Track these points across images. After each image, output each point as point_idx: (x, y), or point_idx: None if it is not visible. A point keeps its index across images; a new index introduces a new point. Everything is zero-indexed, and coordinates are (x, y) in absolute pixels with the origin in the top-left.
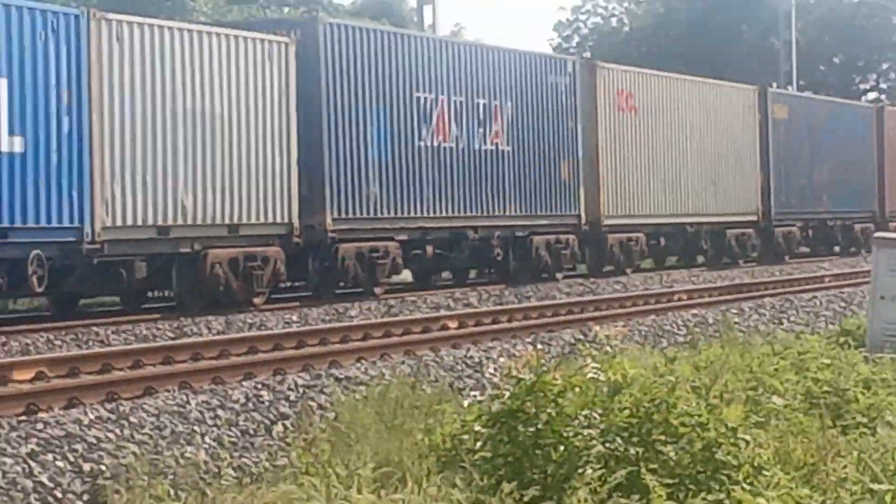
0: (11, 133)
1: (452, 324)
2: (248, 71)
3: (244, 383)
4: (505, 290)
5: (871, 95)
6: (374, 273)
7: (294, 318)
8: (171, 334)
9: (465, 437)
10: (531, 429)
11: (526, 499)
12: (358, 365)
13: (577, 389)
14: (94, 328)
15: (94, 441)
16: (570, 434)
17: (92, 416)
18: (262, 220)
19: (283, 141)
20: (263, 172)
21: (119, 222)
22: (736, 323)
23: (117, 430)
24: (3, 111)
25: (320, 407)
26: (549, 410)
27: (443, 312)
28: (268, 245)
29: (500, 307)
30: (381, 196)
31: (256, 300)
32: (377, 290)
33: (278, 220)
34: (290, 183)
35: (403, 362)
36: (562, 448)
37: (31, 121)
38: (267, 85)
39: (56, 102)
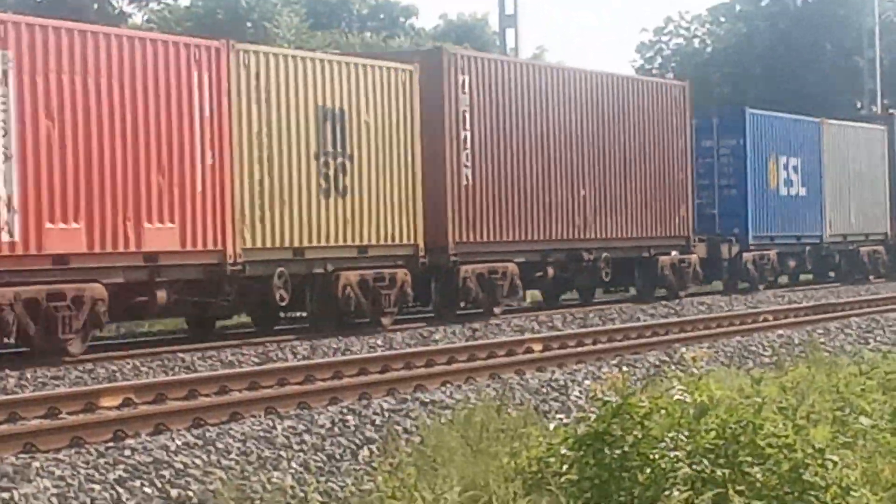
0: None
1: (537, 346)
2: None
3: (330, 408)
4: (589, 312)
5: None
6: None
7: (379, 342)
8: (256, 360)
9: (551, 459)
10: (617, 451)
11: None
12: (443, 389)
13: (664, 411)
14: (181, 354)
15: (181, 467)
16: (657, 456)
17: (179, 442)
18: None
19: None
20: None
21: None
22: (822, 343)
23: (204, 456)
24: None
25: (406, 431)
26: (635, 433)
27: (527, 335)
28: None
29: (584, 329)
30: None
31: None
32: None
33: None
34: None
35: (488, 385)
36: (648, 470)
37: None
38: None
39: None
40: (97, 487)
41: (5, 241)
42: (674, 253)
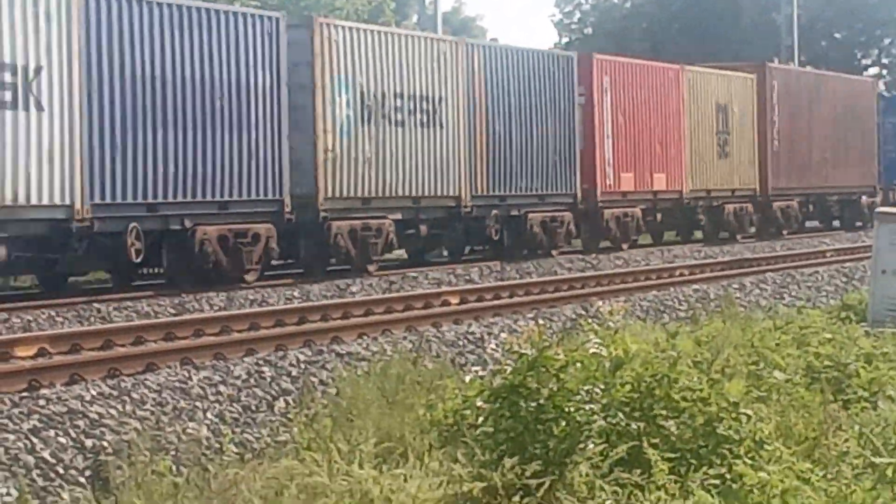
0: None
1: (454, 299)
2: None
3: (246, 359)
4: (506, 265)
5: (873, 71)
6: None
7: (295, 293)
8: (172, 311)
9: (467, 412)
10: (533, 404)
11: (528, 473)
12: (359, 341)
13: (579, 365)
14: (96, 304)
15: (96, 417)
16: (572, 409)
17: (94, 392)
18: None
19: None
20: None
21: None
22: (737, 298)
23: (119, 406)
24: None
25: (322, 383)
26: (550, 385)
27: (444, 288)
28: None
29: (501, 283)
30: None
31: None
32: (370, 268)
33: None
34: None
35: (405, 338)
36: (563, 423)
37: None
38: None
39: None
40: (11, 437)
41: None
42: None
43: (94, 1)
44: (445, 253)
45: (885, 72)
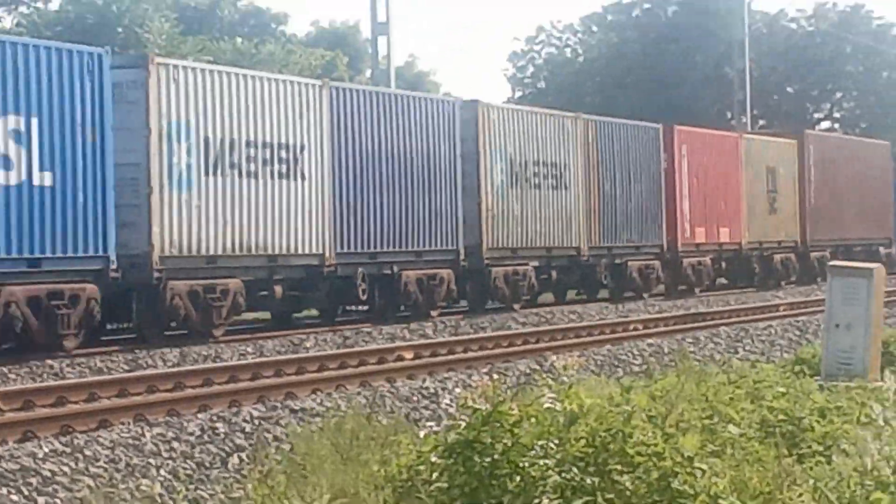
0: None
1: (408, 354)
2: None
3: (199, 415)
4: (461, 320)
5: (825, 125)
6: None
7: (249, 349)
8: (125, 366)
9: (421, 467)
10: (487, 459)
11: None
12: (314, 396)
13: (533, 419)
14: (49, 361)
15: (49, 474)
16: (527, 464)
17: (47, 450)
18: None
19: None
20: None
21: None
22: (691, 352)
23: (72, 464)
24: None
25: (276, 439)
26: (505, 441)
27: (398, 343)
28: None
29: (455, 338)
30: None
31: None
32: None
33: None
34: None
35: (359, 393)
36: (518, 478)
37: None
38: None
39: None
40: None
41: None
42: None
43: (335, 91)
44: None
45: (836, 125)
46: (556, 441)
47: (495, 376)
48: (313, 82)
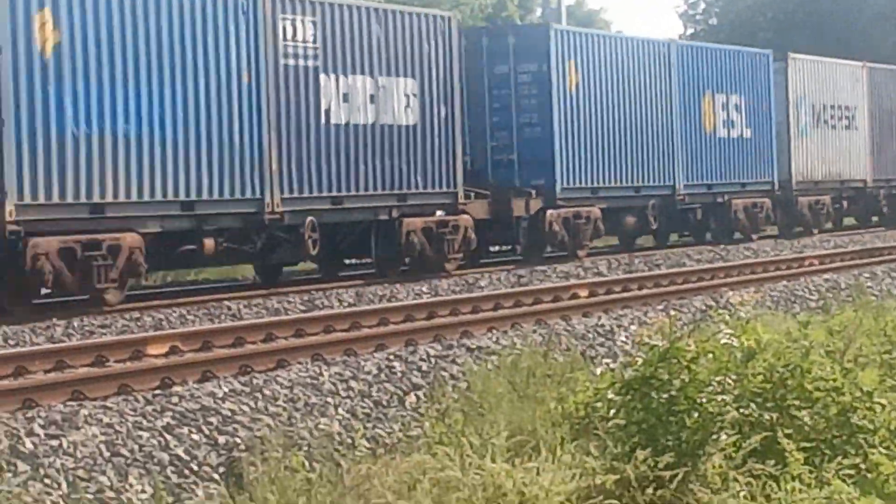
0: None
1: (583, 292)
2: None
3: (376, 354)
4: (634, 258)
5: None
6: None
7: (424, 289)
8: (302, 307)
9: (598, 404)
10: (664, 395)
11: (660, 465)
12: (489, 335)
13: (711, 355)
14: (227, 302)
15: (229, 414)
16: (704, 400)
17: (226, 389)
18: None
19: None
20: None
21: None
22: (869, 287)
23: (251, 403)
24: None
25: (452, 377)
26: (682, 377)
27: (573, 281)
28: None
29: (630, 275)
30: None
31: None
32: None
33: None
34: None
35: (535, 331)
36: (696, 414)
37: None
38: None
39: None
40: (145, 434)
41: None
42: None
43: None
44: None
45: None
46: (734, 377)
47: (671, 313)
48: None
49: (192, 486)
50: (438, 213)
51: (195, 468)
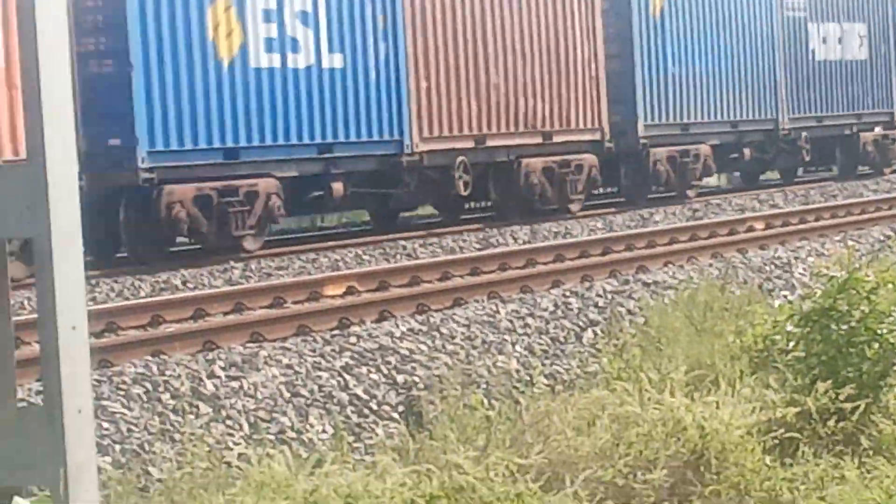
0: None
1: (759, 225)
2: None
3: (552, 291)
4: (809, 189)
5: None
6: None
7: (599, 224)
8: (477, 245)
9: (777, 337)
10: (844, 327)
11: (841, 397)
12: (665, 269)
13: (890, 286)
14: (402, 242)
15: (407, 353)
16: (885, 331)
17: (403, 329)
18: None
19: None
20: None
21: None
22: None
23: (429, 342)
24: None
25: (629, 312)
26: (861, 308)
27: (748, 214)
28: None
29: (806, 207)
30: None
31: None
32: (689, 193)
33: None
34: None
35: (711, 265)
36: (876, 345)
37: None
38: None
39: None
40: (324, 375)
41: None
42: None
43: None
44: None
45: None
46: None
47: (849, 244)
48: None
49: (372, 425)
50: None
51: (374, 407)
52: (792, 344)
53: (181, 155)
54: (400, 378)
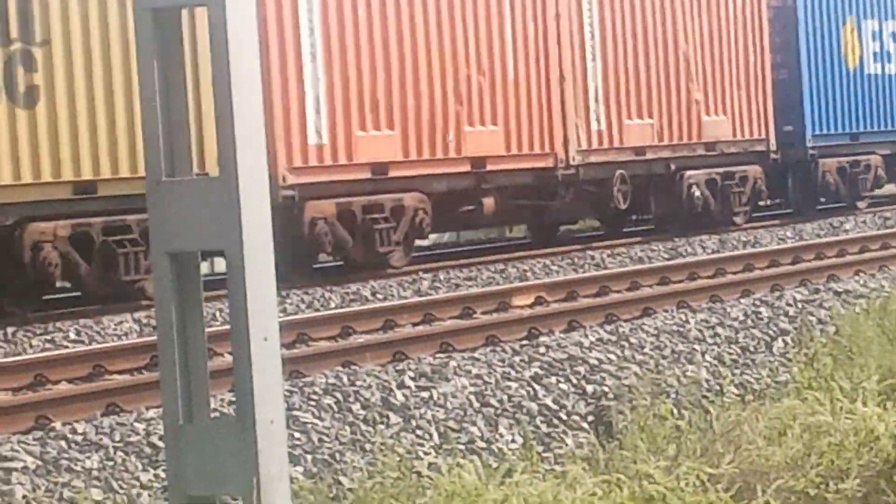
0: None
1: None
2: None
3: (742, 300)
4: None
5: None
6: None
7: (788, 233)
8: (665, 255)
9: None
10: None
11: None
12: (856, 278)
13: None
14: (590, 252)
15: (596, 363)
16: None
17: (592, 339)
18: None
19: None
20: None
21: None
22: None
23: (618, 352)
24: None
25: (820, 321)
26: None
27: None
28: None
29: None
30: None
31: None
32: (860, 205)
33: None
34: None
35: None
36: None
37: None
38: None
39: None
40: (513, 385)
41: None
42: None
43: None
44: None
45: None
46: None
47: None
48: None
49: (562, 434)
50: None
51: (564, 417)
52: None
53: None
54: (589, 388)
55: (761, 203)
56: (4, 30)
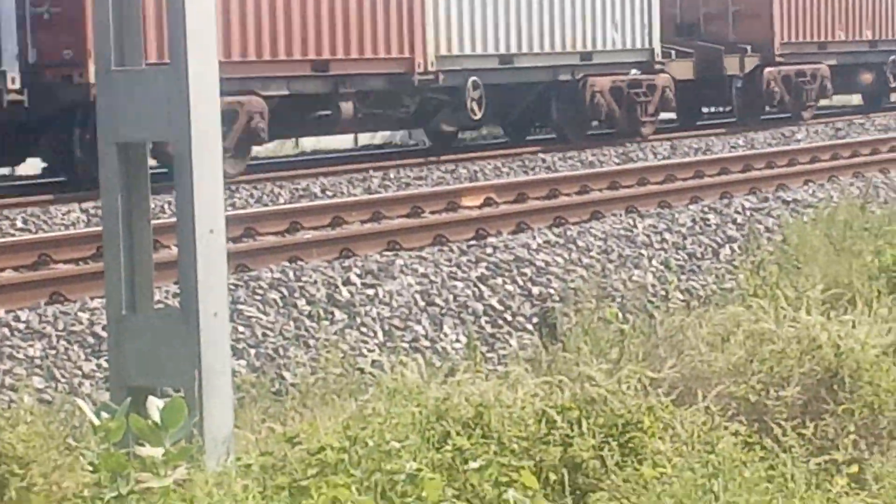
0: None
1: None
2: None
3: (690, 207)
4: None
5: None
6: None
7: (740, 141)
8: (616, 160)
9: None
10: None
11: None
12: (805, 188)
13: None
14: (541, 155)
15: (543, 265)
16: None
17: (540, 241)
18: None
19: None
20: None
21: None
22: None
23: (565, 254)
24: None
25: (767, 230)
26: None
27: (891, 134)
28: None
29: None
30: None
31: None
32: (805, 115)
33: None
34: None
35: (852, 184)
36: None
37: None
38: None
39: None
40: (459, 285)
41: None
42: None
43: None
44: None
45: None
46: None
47: None
48: None
49: (506, 335)
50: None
51: (509, 318)
52: None
53: None
54: (535, 290)
55: (705, 110)
56: None
